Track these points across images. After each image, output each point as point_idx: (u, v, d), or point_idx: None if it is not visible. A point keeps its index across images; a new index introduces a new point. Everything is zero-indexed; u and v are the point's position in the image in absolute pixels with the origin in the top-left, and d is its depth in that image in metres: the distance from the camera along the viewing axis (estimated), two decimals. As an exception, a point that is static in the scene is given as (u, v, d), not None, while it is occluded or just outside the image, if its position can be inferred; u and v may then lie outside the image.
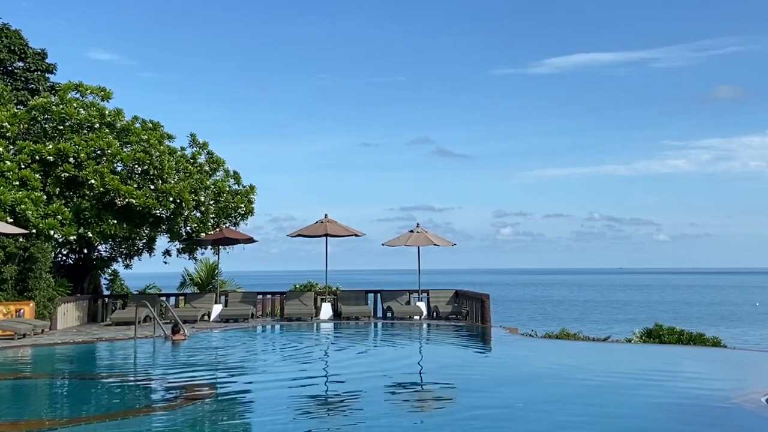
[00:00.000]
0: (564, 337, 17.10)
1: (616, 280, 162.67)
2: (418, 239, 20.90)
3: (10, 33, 25.28)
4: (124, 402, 9.16)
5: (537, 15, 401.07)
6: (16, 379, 11.24)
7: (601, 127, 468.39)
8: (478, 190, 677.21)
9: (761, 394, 8.43)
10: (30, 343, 15.04)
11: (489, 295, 18.76)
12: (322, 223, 21.04)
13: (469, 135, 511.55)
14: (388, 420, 7.69)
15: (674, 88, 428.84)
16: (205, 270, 27.02)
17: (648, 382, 10.10)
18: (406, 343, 15.94)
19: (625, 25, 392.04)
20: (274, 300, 22.45)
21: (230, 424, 7.71)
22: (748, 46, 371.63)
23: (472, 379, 10.74)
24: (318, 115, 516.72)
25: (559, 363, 12.74)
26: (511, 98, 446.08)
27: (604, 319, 50.51)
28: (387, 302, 20.98)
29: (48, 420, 7.74)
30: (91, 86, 21.17)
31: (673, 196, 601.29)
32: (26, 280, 17.20)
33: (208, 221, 20.74)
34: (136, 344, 15.13)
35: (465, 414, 7.99)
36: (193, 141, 22.29)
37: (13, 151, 19.02)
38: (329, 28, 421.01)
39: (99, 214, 18.49)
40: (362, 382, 10.40)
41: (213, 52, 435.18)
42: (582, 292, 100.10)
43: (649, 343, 16.49)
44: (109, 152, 18.96)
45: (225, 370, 12.03)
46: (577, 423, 7.43)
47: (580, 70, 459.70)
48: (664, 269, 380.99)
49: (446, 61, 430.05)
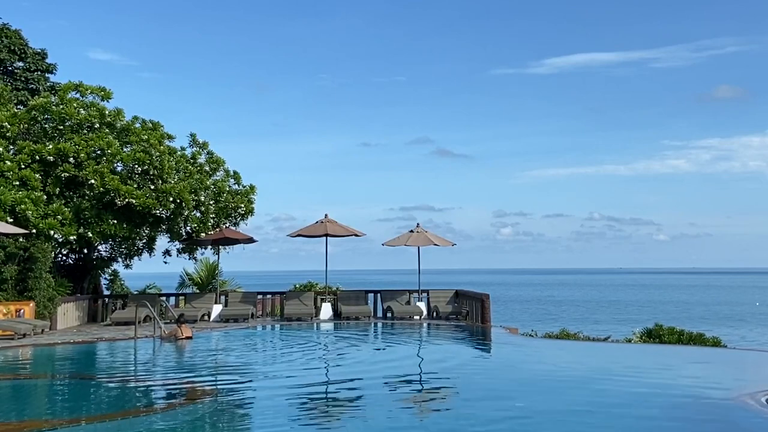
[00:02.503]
0: (564, 337, 17.10)
1: (617, 280, 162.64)
2: (418, 239, 20.90)
3: (10, 33, 25.29)
4: (124, 402, 9.16)
5: (537, 15, 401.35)
6: (16, 379, 11.24)
7: (601, 127, 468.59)
8: (478, 190, 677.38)
9: (761, 394, 8.43)
10: (30, 343, 15.04)
11: (489, 295, 18.76)
12: (322, 223, 21.04)
13: (469, 135, 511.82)
14: (388, 420, 7.69)
15: (674, 88, 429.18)
16: (205, 270, 27.04)
17: (648, 382, 10.09)
18: (406, 343, 15.93)
19: (625, 25, 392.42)
20: (274, 300, 22.46)
21: (230, 424, 7.71)
22: (748, 46, 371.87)
23: (472, 379, 10.74)
24: (318, 115, 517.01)
25: (558, 363, 12.74)
26: (511, 98, 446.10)
27: (606, 319, 50.48)
28: (387, 302, 20.98)
29: (48, 420, 7.74)
30: (91, 86, 21.16)
31: (673, 196, 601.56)
32: (26, 280, 17.20)
33: (208, 221, 20.74)
34: (136, 344, 15.13)
35: (465, 414, 7.99)
36: (193, 141, 22.29)
37: (13, 151, 19.03)
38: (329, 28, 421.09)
39: (99, 214, 18.49)
40: (362, 381, 10.40)
41: (213, 52, 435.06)
42: (582, 292, 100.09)
43: (649, 343, 16.50)
44: (109, 152, 18.96)
45: (225, 370, 12.03)
46: (577, 422, 7.43)
47: (580, 70, 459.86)
48: (664, 269, 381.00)
49: (446, 61, 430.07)
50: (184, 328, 15.54)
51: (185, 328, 15.63)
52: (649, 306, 66.78)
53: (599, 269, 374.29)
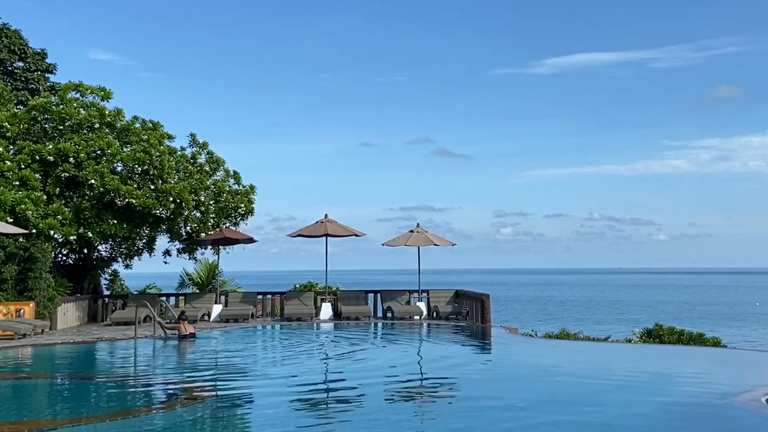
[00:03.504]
0: (564, 337, 17.11)
1: (617, 280, 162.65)
2: (418, 239, 20.90)
3: (10, 33, 25.29)
4: (124, 402, 9.16)
5: (537, 15, 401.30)
6: (16, 379, 11.24)
7: (601, 127, 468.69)
8: (478, 190, 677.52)
9: (761, 394, 8.42)
10: (30, 343, 15.04)
11: (489, 295, 18.76)
12: (322, 223, 21.04)
13: (469, 135, 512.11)
14: (388, 420, 7.68)
15: (674, 88, 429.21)
16: (205, 270, 27.04)
17: (648, 382, 10.09)
18: (406, 343, 15.92)
19: (625, 25, 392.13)
20: (274, 300, 22.46)
21: (230, 424, 7.71)
22: (748, 46, 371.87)
23: (471, 379, 10.74)
24: (318, 115, 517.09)
25: (558, 363, 12.73)
26: (511, 98, 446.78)
27: (607, 319, 50.49)
28: (387, 302, 20.98)
29: (48, 420, 7.74)
30: (91, 86, 21.17)
31: (673, 196, 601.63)
32: (26, 280, 17.20)
33: (208, 221, 20.73)
34: (136, 344, 15.13)
35: (465, 414, 7.99)
36: (193, 141, 22.29)
37: (13, 151, 19.03)
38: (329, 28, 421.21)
39: (99, 214, 18.49)
40: (362, 381, 10.39)
41: (213, 52, 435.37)
42: (583, 292, 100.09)
43: (649, 343, 16.50)
44: (109, 152, 18.96)
45: (225, 370, 12.03)
46: (577, 422, 7.43)
47: (580, 70, 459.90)
48: (664, 269, 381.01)
49: (446, 61, 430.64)
50: (186, 326, 15.57)
51: (187, 325, 15.67)
52: (651, 306, 66.79)
53: (599, 269, 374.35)
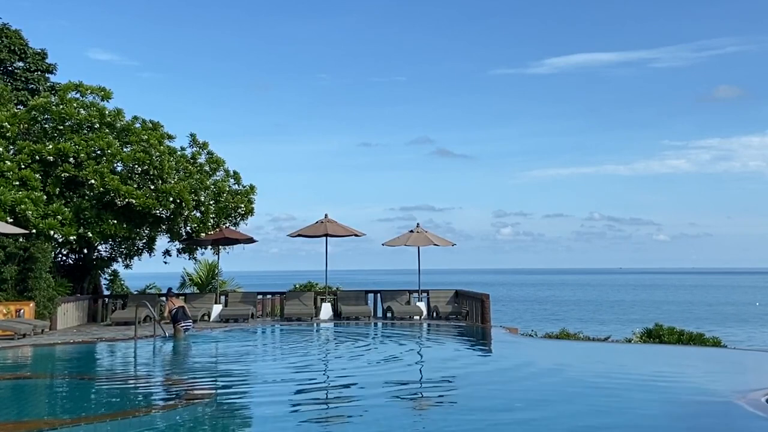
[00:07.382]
0: (564, 337, 17.12)
1: (617, 280, 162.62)
2: (418, 239, 20.89)
3: (10, 33, 25.29)
4: (124, 402, 9.16)
5: (537, 15, 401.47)
6: (16, 379, 11.23)
7: (601, 127, 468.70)
8: (479, 190, 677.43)
9: (761, 394, 8.42)
10: (30, 343, 15.04)
11: (489, 295, 18.76)
12: (322, 223, 21.03)
13: (469, 135, 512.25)
14: (388, 420, 7.68)
15: (674, 88, 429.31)
16: (205, 270, 27.04)
17: (648, 382, 10.08)
18: (406, 344, 15.92)
19: (625, 25, 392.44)
20: (274, 300, 22.45)
21: (230, 424, 7.71)
22: (748, 46, 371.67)
23: (471, 379, 10.74)
24: (318, 115, 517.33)
25: (558, 363, 12.72)
26: (511, 98, 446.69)
27: (609, 319, 50.46)
28: (387, 302, 20.98)
29: (48, 420, 7.74)
30: (91, 86, 21.18)
31: (673, 196, 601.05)
32: (26, 280, 17.20)
33: (208, 221, 20.73)
34: (136, 344, 15.12)
35: (464, 414, 7.99)
36: (193, 141, 22.29)
37: (13, 151, 19.04)
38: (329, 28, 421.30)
39: (99, 214, 18.49)
40: (362, 382, 10.39)
41: (213, 52, 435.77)
42: (584, 292, 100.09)
43: (649, 343, 16.49)
44: (109, 152, 18.96)
45: (225, 370, 12.03)
46: (577, 422, 7.43)
47: (580, 70, 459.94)
48: (664, 269, 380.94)
49: (446, 61, 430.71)
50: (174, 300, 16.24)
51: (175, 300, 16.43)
52: (652, 306, 66.78)
53: (599, 269, 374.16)
